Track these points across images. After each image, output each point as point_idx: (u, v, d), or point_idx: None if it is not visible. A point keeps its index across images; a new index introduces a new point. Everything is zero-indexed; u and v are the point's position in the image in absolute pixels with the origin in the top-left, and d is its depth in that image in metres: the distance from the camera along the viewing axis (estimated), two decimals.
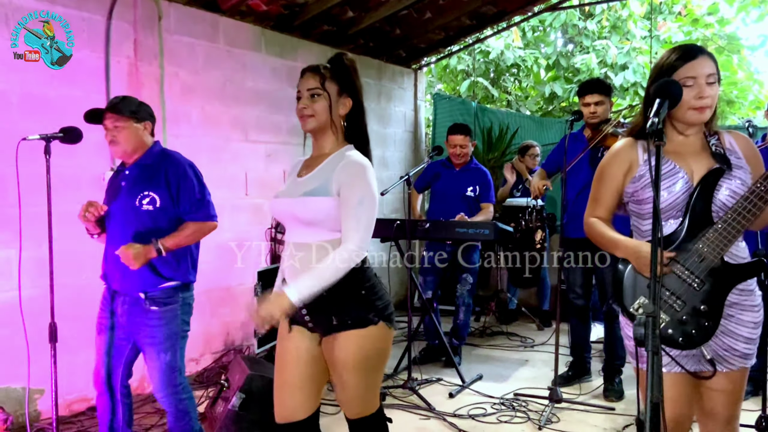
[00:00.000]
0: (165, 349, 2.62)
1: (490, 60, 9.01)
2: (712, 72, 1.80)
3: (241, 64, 4.73)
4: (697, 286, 1.79)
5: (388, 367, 4.30)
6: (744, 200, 1.74)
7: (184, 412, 2.70)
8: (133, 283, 2.59)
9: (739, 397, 1.92)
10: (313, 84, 2.00)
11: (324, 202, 1.94)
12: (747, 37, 8.82)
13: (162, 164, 2.64)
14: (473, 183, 4.53)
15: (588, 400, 3.71)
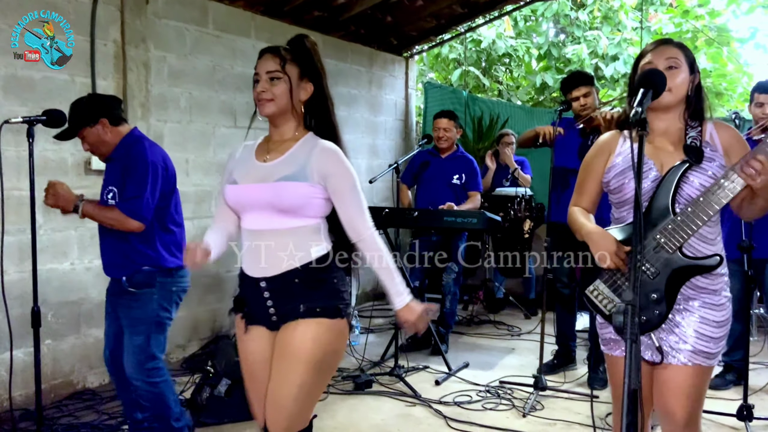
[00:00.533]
0: (137, 332, 2.62)
1: (482, 49, 8.98)
2: (671, 55, 1.83)
3: (231, 50, 4.69)
4: (650, 275, 1.80)
5: (376, 354, 4.33)
6: (705, 194, 1.74)
7: (158, 395, 2.67)
8: (117, 269, 2.64)
9: (697, 396, 1.88)
10: (272, 66, 1.89)
11: (303, 188, 1.86)
12: (737, 29, 8.81)
13: (124, 155, 2.63)
14: (459, 171, 4.54)
15: (572, 388, 3.75)
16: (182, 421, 2.79)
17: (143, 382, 2.64)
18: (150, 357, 2.64)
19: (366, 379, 3.81)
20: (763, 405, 3.47)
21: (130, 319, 2.64)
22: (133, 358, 2.62)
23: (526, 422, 3.28)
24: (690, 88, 1.87)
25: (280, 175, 1.88)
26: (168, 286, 2.68)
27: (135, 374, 2.63)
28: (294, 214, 1.87)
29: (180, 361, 4.27)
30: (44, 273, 3.43)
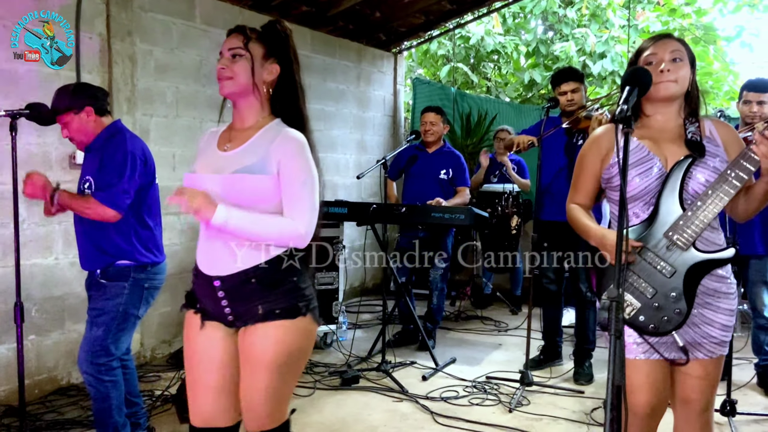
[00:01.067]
0: (98, 323, 2.55)
1: (471, 46, 8.99)
2: (678, 49, 1.82)
3: (218, 44, 4.57)
4: (667, 273, 1.80)
5: (363, 349, 4.33)
6: (713, 187, 1.75)
7: (104, 394, 2.57)
8: (92, 261, 2.62)
9: (714, 384, 1.92)
10: (235, 43, 1.79)
11: (262, 181, 1.74)
12: (723, 28, 8.90)
13: (103, 146, 2.60)
14: (446, 166, 4.55)
15: (558, 384, 3.77)
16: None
17: (91, 376, 2.55)
18: (104, 351, 2.55)
19: (353, 374, 3.81)
20: (746, 400, 3.51)
21: (95, 309, 2.58)
22: (88, 348, 2.54)
23: (512, 417, 3.30)
24: (690, 84, 1.87)
25: (238, 166, 1.76)
26: (140, 282, 2.63)
27: (85, 366, 2.54)
28: (251, 209, 1.74)
29: (166, 357, 4.25)
30: (27, 268, 3.39)
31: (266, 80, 1.82)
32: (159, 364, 4.13)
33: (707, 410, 1.93)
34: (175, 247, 4.39)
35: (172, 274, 4.33)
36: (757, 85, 3.47)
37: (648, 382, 1.85)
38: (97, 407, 2.60)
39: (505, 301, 5.90)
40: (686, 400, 1.91)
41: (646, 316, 1.81)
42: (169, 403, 3.41)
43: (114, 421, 2.61)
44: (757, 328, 3.68)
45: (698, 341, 1.84)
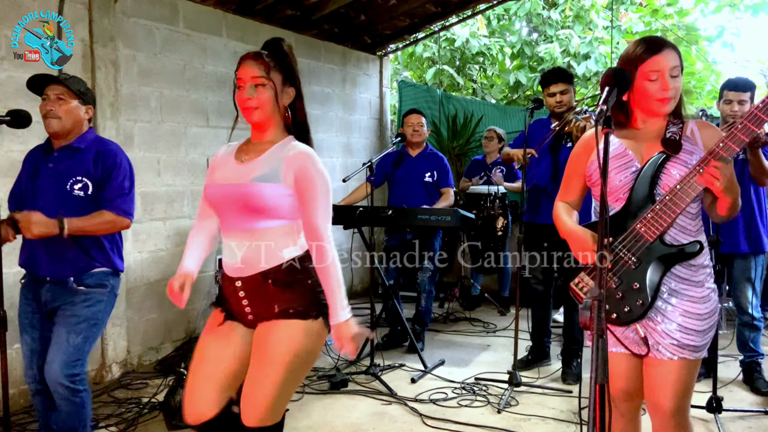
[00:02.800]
0: (78, 331, 2.48)
1: (456, 48, 9.02)
2: (676, 65, 1.84)
3: (202, 48, 4.64)
4: (633, 264, 1.83)
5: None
6: (681, 182, 1.78)
7: (79, 405, 2.48)
8: (64, 267, 2.50)
9: (682, 389, 1.90)
10: (257, 72, 1.91)
11: (275, 189, 1.89)
12: (705, 28, 8.98)
13: (96, 151, 2.56)
14: (431, 168, 4.56)
15: (546, 384, 3.78)
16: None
17: (67, 388, 2.43)
18: (81, 361, 2.48)
19: (341, 378, 3.80)
20: (731, 397, 3.54)
21: (74, 317, 2.48)
22: (64, 358, 2.43)
23: (501, 418, 3.31)
24: None
25: (254, 175, 1.91)
26: (115, 289, 2.63)
27: (61, 378, 2.41)
28: (266, 215, 1.90)
29: (153, 364, 4.22)
30: (10, 276, 3.35)
31: (285, 104, 1.99)
32: (146, 371, 4.10)
33: (677, 414, 1.90)
34: (161, 252, 4.36)
35: (158, 280, 4.32)
36: (737, 84, 3.51)
37: (620, 372, 1.94)
38: (70, 421, 2.48)
39: (493, 302, 5.91)
40: (656, 405, 1.91)
41: (610, 305, 1.85)
42: (156, 410, 3.38)
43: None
44: (742, 325, 3.72)
45: (657, 340, 1.86)
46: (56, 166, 2.54)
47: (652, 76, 1.83)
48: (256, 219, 1.91)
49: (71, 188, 2.50)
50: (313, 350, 1.96)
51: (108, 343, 3.94)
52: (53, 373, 2.43)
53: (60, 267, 2.50)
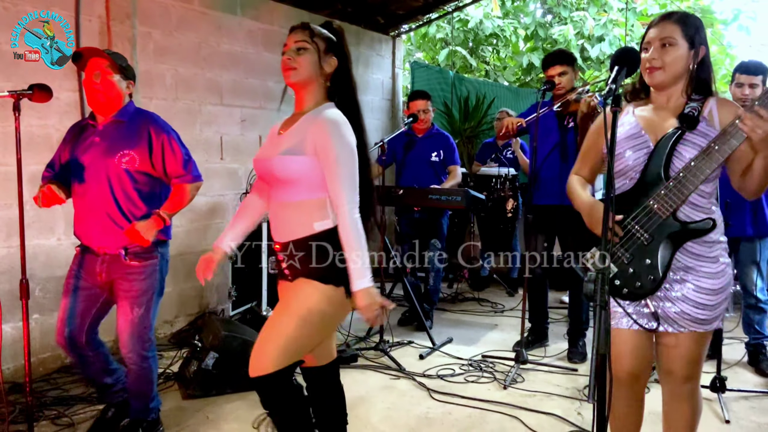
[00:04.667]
0: (140, 303, 2.61)
1: (469, 29, 8.99)
2: (666, 36, 1.84)
3: (216, 27, 4.68)
4: (645, 240, 1.87)
5: (361, 330, 4.40)
6: (696, 159, 1.79)
7: (148, 370, 2.69)
8: (114, 239, 2.57)
9: (694, 358, 1.97)
10: (300, 37, 1.98)
11: (299, 162, 1.93)
12: (721, 11, 8.89)
13: (141, 123, 2.61)
14: (437, 148, 4.60)
15: (552, 362, 3.84)
16: (155, 401, 2.80)
17: (138, 355, 2.63)
18: (149, 328, 2.66)
19: (351, 353, 3.88)
20: (736, 377, 3.59)
21: (134, 291, 2.60)
22: (134, 330, 2.61)
23: (507, 394, 3.37)
24: (692, 63, 1.87)
25: (283, 148, 1.97)
26: (166, 256, 2.73)
27: (133, 347, 2.61)
28: (295, 187, 1.96)
29: (168, 337, 4.32)
30: (31, 248, 3.44)
31: (326, 72, 2.02)
32: (161, 344, 4.19)
33: (688, 381, 1.98)
34: (176, 228, 4.43)
35: (173, 256, 4.36)
36: (749, 67, 3.50)
37: (629, 350, 1.96)
38: (140, 383, 2.69)
39: (501, 283, 5.97)
40: (668, 372, 2.00)
41: (621, 280, 1.89)
42: (172, 380, 3.48)
43: (155, 391, 2.77)
44: (748, 308, 3.75)
45: (671, 316, 1.90)
46: (102, 140, 2.60)
47: (646, 46, 1.87)
48: (288, 191, 1.97)
49: (119, 162, 2.56)
50: (331, 314, 2.01)
51: None
52: (125, 344, 2.62)
53: (111, 240, 2.59)
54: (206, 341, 3.43)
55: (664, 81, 1.88)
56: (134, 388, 2.72)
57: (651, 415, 2.37)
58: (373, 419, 3.06)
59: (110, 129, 2.61)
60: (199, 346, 3.43)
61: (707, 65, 1.91)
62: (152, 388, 2.75)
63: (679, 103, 1.91)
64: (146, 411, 2.75)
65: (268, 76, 5.02)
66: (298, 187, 1.95)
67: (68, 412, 3.05)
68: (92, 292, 2.66)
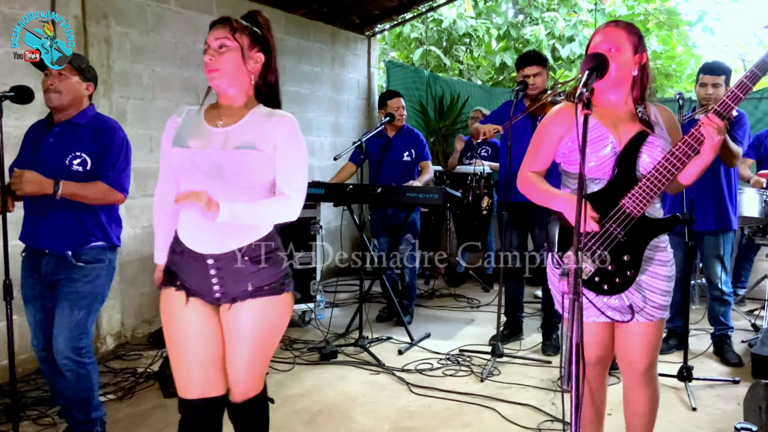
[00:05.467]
0: (81, 306, 2.57)
1: (443, 29, 9.09)
2: (613, 39, 1.96)
3: (193, 27, 4.68)
4: (621, 238, 1.98)
5: (340, 326, 4.46)
6: (665, 161, 1.93)
7: (85, 377, 2.59)
8: (62, 241, 2.56)
9: (656, 346, 2.12)
10: (222, 34, 1.83)
11: (260, 157, 1.82)
12: (686, 12, 9.14)
13: (95, 127, 2.63)
14: (409, 147, 4.68)
15: (527, 355, 3.95)
16: (99, 411, 2.71)
17: (74, 361, 2.54)
18: (85, 334, 2.58)
19: (331, 350, 3.94)
20: (702, 367, 3.73)
21: (75, 293, 2.56)
22: (69, 334, 2.53)
23: (484, 386, 3.47)
24: (635, 68, 2.00)
25: (239, 142, 1.82)
26: (113, 263, 2.71)
27: (67, 352, 2.53)
28: (246, 185, 1.82)
29: (146, 336, 4.33)
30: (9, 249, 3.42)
31: (252, 69, 1.89)
32: (140, 343, 4.21)
33: (650, 369, 2.13)
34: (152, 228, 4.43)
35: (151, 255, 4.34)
36: (712, 68, 3.64)
37: (597, 341, 2.11)
38: (78, 391, 2.60)
39: (477, 279, 6.08)
40: (630, 362, 2.13)
41: (601, 277, 2.01)
42: (152, 379, 3.50)
43: (96, 401, 2.68)
44: (713, 300, 3.90)
45: (641, 306, 2.03)
46: (56, 141, 2.60)
47: (596, 50, 1.95)
48: (233, 189, 1.81)
49: (70, 163, 2.56)
50: (285, 320, 1.96)
51: (102, 316, 4.04)
52: (59, 347, 2.53)
53: (58, 240, 2.57)
54: None
55: (608, 84, 1.98)
56: (73, 396, 2.62)
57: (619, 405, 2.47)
58: (354, 413, 3.13)
59: (65, 130, 2.62)
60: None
61: (648, 72, 2.04)
62: (92, 396, 2.65)
63: (628, 106, 2.04)
64: (89, 422, 2.67)
65: None
66: (247, 184, 1.83)
67: (50, 412, 3.06)
68: (47, 297, 2.63)
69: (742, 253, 5.32)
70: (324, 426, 2.99)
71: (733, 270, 5.24)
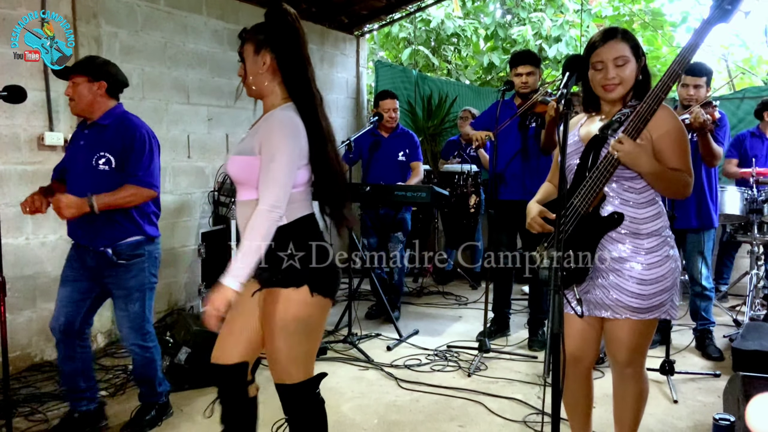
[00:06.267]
0: (133, 300, 2.78)
1: (431, 29, 9.15)
2: (621, 55, 2.00)
3: (182, 26, 4.71)
4: (569, 233, 2.02)
5: (330, 324, 4.51)
6: (604, 159, 1.98)
7: (150, 359, 2.87)
8: (100, 238, 2.71)
9: (632, 346, 2.12)
10: (239, 48, 2.01)
11: (247, 161, 1.91)
12: (671, 13, 9.26)
13: (119, 126, 2.72)
14: (403, 147, 4.75)
15: (514, 351, 4.02)
16: (163, 386, 2.99)
17: (139, 346, 2.82)
18: (146, 322, 2.83)
19: (321, 346, 3.98)
20: (684, 361, 3.82)
21: (125, 288, 2.76)
22: (131, 324, 2.79)
23: (471, 381, 3.53)
24: (639, 74, 2.05)
25: (236, 149, 1.99)
26: (153, 252, 2.84)
27: (133, 339, 2.81)
28: (247, 185, 1.94)
29: None
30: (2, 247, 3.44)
31: (261, 72, 1.95)
32: None
33: (630, 366, 2.16)
34: None
35: None
36: (693, 69, 3.72)
37: (569, 333, 2.11)
38: (144, 370, 2.88)
39: (465, 276, 6.15)
40: (612, 357, 2.20)
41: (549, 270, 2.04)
42: None
43: (160, 376, 2.96)
44: (695, 296, 3.99)
45: (607, 303, 2.06)
46: (86, 143, 2.74)
47: (598, 66, 2.02)
48: (244, 190, 1.97)
49: (96, 163, 2.68)
50: (309, 316, 1.96)
51: None
52: (125, 336, 2.84)
53: (95, 238, 2.71)
54: (178, 337, 3.49)
55: (622, 95, 2.04)
56: (139, 374, 2.92)
57: (606, 397, 2.55)
58: (344, 408, 3.18)
59: (93, 132, 2.74)
60: (171, 342, 3.49)
61: (647, 72, 2.10)
62: (156, 374, 2.93)
63: (616, 110, 2.07)
64: (155, 394, 2.95)
65: (233, 75, 5.01)
66: (248, 186, 1.94)
67: (41, 409, 3.08)
68: (85, 284, 2.79)
69: (724, 250, 5.43)
70: None
71: (716, 267, 5.34)
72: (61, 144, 3.76)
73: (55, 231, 3.79)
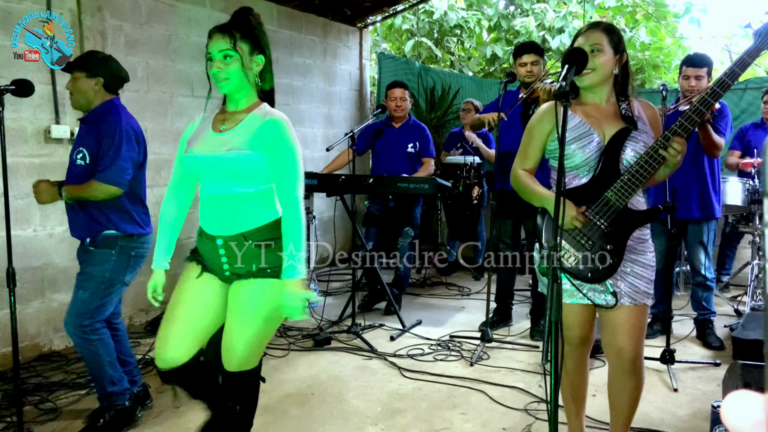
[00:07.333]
0: (85, 287, 2.72)
1: (434, 20, 9.15)
2: (596, 42, 2.07)
3: (186, 19, 4.74)
4: (604, 228, 2.07)
5: (334, 314, 4.56)
6: (646, 155, 2.02)
7: (93, 353, 2.73)
8: (80, 230, 2.78)
9: (642, 331, 2.19)
10: (225, 46, 1.99)
11: (250, 157, 1.98)
12: (674, 4, 9.22)
13: (97, 121, 2.75)
14: (414, 139, 4.75)
15: (516, 340, 4.06)
16: (118, 385, 2.80)
17: (77, 336, 2.72)
18: (88, 314, 2.71)
19: (325, 336, 4.04)
20: (685, 350, 3.85)
21: (83, 273, 2.76)
22: (73, 310, 2.71)
23: (473, 370, 3.57)
24: (617, 67, 2.11)
25: (231, 144, 2.00)
26: (127, 250, 2.80)
27: (70, 327, 2.71)
28: (245, 181, 2.01)
29: (143, 324, 4.41)
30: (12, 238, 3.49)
31: (255, 72, 2.07)
32: (137, 332, 4.29)
33: (638, 359, 2.19)
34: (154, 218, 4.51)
35: None
36: (694, 60, 3.73)
37: (579, 321, 2.20)
38: (90, 365, 2.80)
39: (468, 268, 6.18)
40: (619, 349, 2.17)
41: (585, 265, 2.10)
42: (150, 365, 3.58)
43: (109, 375, 2.78)
44: (696, 286, 4.02)
45: (627, 292, 2.12)
46: (77, 138, 2.84)
47: None
48: (236, 184, 2.02)
49: (75, 158, 2.75)
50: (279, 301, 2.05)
51: None
52: (65, 323, 2.76)
53: (78, 230, 2.79)
54: None
55: (594, 82, 2.09)
56: (91, 372, 2.85)
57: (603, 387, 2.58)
58: (348, 396, 3.22)
59: (83, 128, 2.81)
60: None
61: (627, 70, 2.16)
62: (104, 371, 2.76)
63: (611, 102, 2.14)
64: (107, 395, 2.78)
65: None
66: (246, 180, 2.01)
67: (51, 398, 3.14)
68: None
69: (726, 241, 5.46)
70: (317, 408, 3.09)
71: (717, 257, 5.37)
72: (67, 137, 3.81)
73: (62, 223, 3.83)
